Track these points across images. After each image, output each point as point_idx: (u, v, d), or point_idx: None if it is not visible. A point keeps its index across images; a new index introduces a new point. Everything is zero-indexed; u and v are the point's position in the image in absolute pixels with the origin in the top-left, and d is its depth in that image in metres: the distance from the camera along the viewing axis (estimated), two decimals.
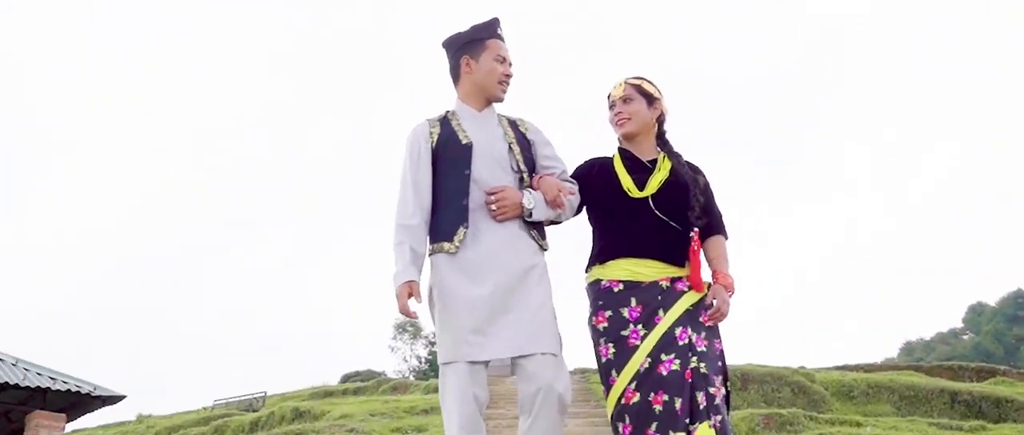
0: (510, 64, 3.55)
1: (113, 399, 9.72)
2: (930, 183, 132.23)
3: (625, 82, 3.63)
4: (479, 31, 3.53)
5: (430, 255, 3.38)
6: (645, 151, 3.60)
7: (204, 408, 30.82)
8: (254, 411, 24.38)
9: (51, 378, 9.00)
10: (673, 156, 3.59)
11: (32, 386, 8.83)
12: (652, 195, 3.45)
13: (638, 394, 3.24)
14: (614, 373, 3.32)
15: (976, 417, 15.86)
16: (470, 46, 3.53)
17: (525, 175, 3.46)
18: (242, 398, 29.35)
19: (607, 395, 3.36)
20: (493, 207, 3.34)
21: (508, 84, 3.55)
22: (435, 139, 3.45)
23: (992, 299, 78.07)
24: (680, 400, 3.20)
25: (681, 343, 3.27)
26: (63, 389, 8.96)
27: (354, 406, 15.50)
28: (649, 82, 3.64)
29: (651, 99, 3.61)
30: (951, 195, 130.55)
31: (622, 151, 3.63)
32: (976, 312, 78.07)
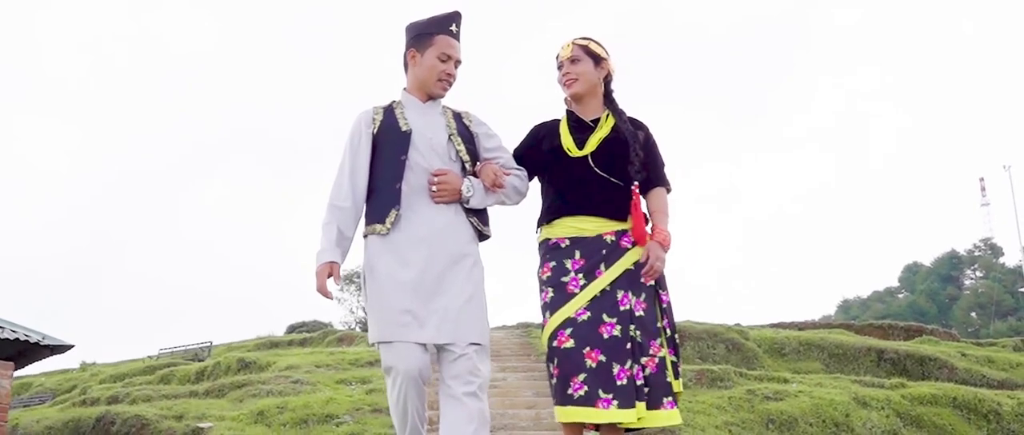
0: (457, 63, 3.55)
1: (61, 348, 9.87)
2: (874, 145, 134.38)
3: (573, 42, 3.66)
4: (430, 25, 3.53)
5: (364, 237, 3.45)
6: (590, 111, 3.66)
7: (149, 357, 30.79)
8: (200, 361, 24.43)
9: None
10: (616, 114, 3.64)
11: None
12: (591, 153, 3.52)
13: (572, 341, 3.34)
14: (548, 314, 3.44)
15: (900, 374, 16.48)
16: (419, 39, 3.54)
17: (467, 164, 3.51)
18: (188, 348, 29.34)
19: (542, 334, 3.48)
20: (433, 188, 3.39)
21: (449, 83, 3.57)
22: (377, 126, 3.50)
23: (927, 259, 79.98)
24: (618, 366, 3.30)
25: (622, 309, 3.38)
26: (11, 338, 9.08)
27: (300, 357, 15.69)
28: (597, 42, 3.68)
29: (598, 59, 3.66)
30: (892, 157, 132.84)
31: (568, 113, 3.70)
32: (911, 271, 79.83)
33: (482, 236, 3.54)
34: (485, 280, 3.50)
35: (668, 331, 3.53)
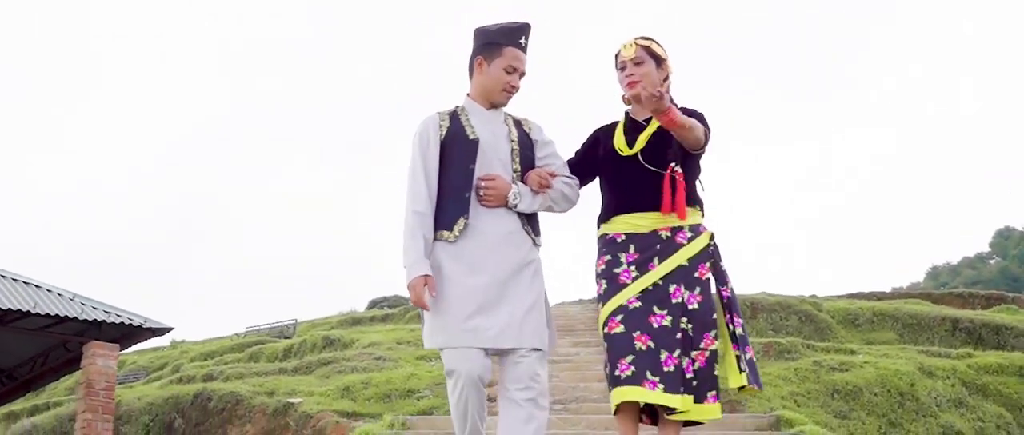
0: (521, 75, 3.59)
1: (161, 330, 10.60)
2: (961, 109, 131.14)
3: (635, 43, 3.64)
4: (499, 35, 3.56)
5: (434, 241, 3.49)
6: (644, 111, 3.63)
7: (236, 335, 31.91)
8: (286, 338, 25.35)
9: (106, 312, 9.85)
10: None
11: (89, 319, 9.69)
12: (640, 150, 3.54)
13: (622, 326, 3.39)
14: (601, 305, 3.51)
15: (975, 343, 16.51)
16: (487, 48, 3.57)
17: (519, 175, 3.56)
18: (273, 325, 30.33)
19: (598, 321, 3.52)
20: (481, 192, 3.46)
21: (512, 94, 3.61)
22: (444, 132, 3.54)
23: (1019, 223, 77.76)
24: (666, 352, 3.34)
25: (674, 301, 3.41)
26: (116, 322, 9.79)
27: (382, 334, 16.35)
28: (658, 43, 3.67)
29: (660, 60, 3.63)
30: (981, 120, 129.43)
31: (626, 114, 3.73)
32: (1003, 236, 77.57)
33: (535, 245, 3.59)
34: (545, 288, 3.55)
35: (731, 326, 3.53)
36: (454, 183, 3.48)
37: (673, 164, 3.52)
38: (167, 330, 10.87)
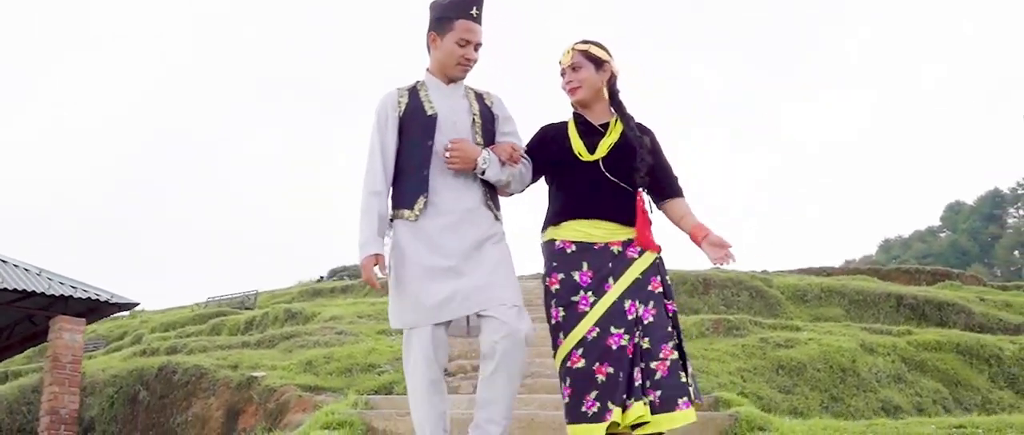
0: (476, 47, 3.56)
1: (127, 306, 10.82)
2: (914, 83, 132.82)
3: (572, 49, 3.64)
4: (450, 8, 3.51)
5: (390, 220, 3.49)
6: (598, 115, 3.63)
7: (197, 304, 32.01)
8: (247, 309, 25.53)
9: (72, 287, 10.05)
10: (624, 119, 3.62)
11: (56, 294, 9.90)
12: (602, 158, 3.49)
13: (583, 360, 3.31)
14: (561, 336, 3.39)
15: (919, 319, 17.10)
16: (439, 23, 3.53)
17: (482, 147, 3.51)
18: (234, 296, 30.47)
19: (555, 355, 3.43)
20: (447, 154, 3.42)
21: (468, 67, 3.58)
22: (403, 108, 3.51)
23: (970, 198, 79.08)
24: (623, 373, 3.28)
25: (629, 318, 3.34)
26: (83, 297, 10.01)
27: (342, 308, 16.61)
28: (598, 45, 3.65)
29: (599, 63, 3.61)
30: (934, 96, 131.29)
31: (576, 116, 3.67)
32: (954, 210, 78.81)
33: (496, 219, 3.57)
34: (511, 255, 3.54)
35: (675, 339, 3.44)
36: (412, 160, 3.46)
37: (641, 189, 3.52)
38: (133, 305, 11.09)
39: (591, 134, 3.58)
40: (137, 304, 11.05)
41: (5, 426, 12.86)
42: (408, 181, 3.46)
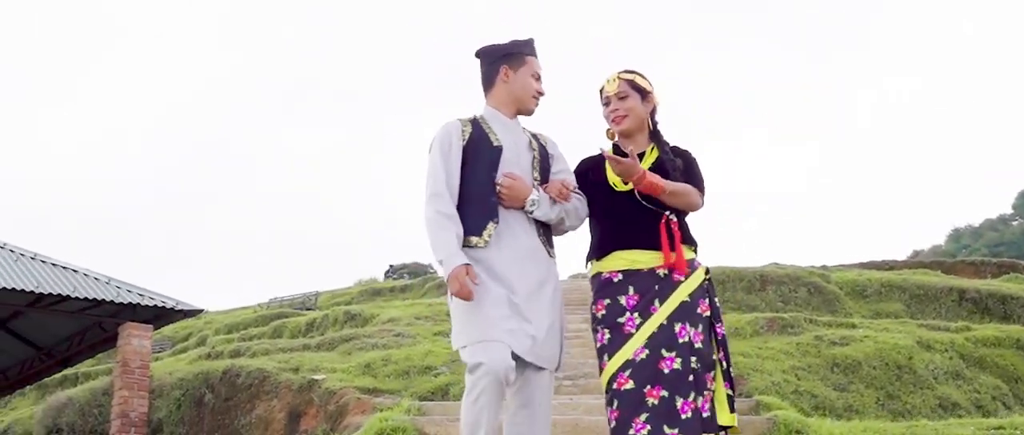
0: (542, 83, 3.68)
1: (193, 312, 11.18)
2: (983, 68, 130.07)
3: (619, 77, 3.61)
4: (520, 46, 3.64)
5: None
6: (637, 145, 3.58)
7: (259, 305, 32.64)
8: (308, 309, 26.02)
9: (140, 294, 10.41)
10: (660, 146, 3.60)
11: (124, 302, 10.27)
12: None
13: (631, 382, 3.25)
14: (606, 358, 3.34)
15: (982, 313, 16.89)
16: (511, 58, 3.62)
17: (538, 184, 3.55)
18: (296, 297, 31.03)
19: (601, 376, 3.38)
20: (499, 187, 3.44)
21: (539, 101, 3.68)
22: (466, 137, 3.53)
23: None
24: (681, 399, 3.22)
25: (681, 341, 3.28)
26: (150, 304, 10.37)
27: (400, 309, 16.89)
28: (642, 75, 3.63)
29: (645, 93, 3.60)
30: (1004, 81, 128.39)
31: (615, 147, 3.65)
32: None
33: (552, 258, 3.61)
34: (562, 306, 3.58)
35: (724, 364, 3.40)
36: (479, 189, 3.46)
37: (668, 213, 3.46)
38: (198, 312, 11.45)
39: None
40: (202, 310, 11.43)
41: (78, 427, 13.34)
42: (475, 208, 3.45)
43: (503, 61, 3.63)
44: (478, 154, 3.50)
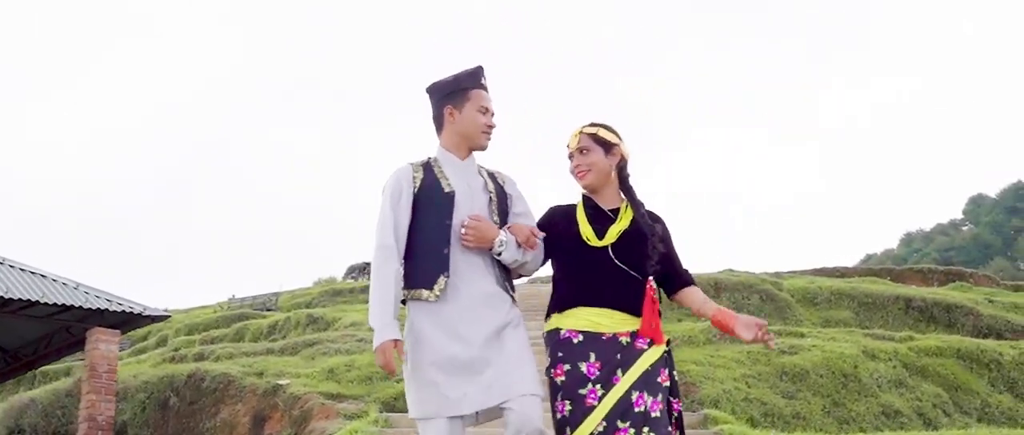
0: (493, 114, 3.54)
1: (160, 317, 11.40)
2: (933, 74, 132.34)
3: (581, 132, 3.55)
4: (462, 80, 3.50)
5: (403, 301, 3.35)
6: (608, 199, 3.54)
7: (219, 305, 32.67)
8: (269, 310, 26.14)
9: (107, 300, 10.59)
10: (634, 204, 3.53)
11: (92, 308, 10.46)
12: (612, 244, 3.39)
13: None
14: (568, 430, 3.24)
15: (928, 322, 17.46)
16: (453, 96, 3.49)
17: (498, 225, 3.43)
18: (257, 297, 31.11)
19: None
20: (463, 230, 3.32)
21: (490, 134, 3.54)
22: (417, 184, 3.41)
23: (992, 191, 78.49)
24: None
25: (637, 410, 3.22)
26: (118, 309, 10.57)
27: (362, 313, 17.10)
28: (606, 128, 3.56)
29: (609, 146, 3.52)
30: (955, 87, 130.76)
31: (585, 199, 3.57)
32: (976, 203, 78.18)
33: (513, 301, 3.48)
34: (528, 340, 3.43)
35: None
36: (431, 238, 3.34)
37: (651, 279, 3.41)
38: (165, 317, 11.66)
39: (600, 219, 3.48)
40: (169, 316, 11.62)
41: (41, 429, 13.44)
42: (426, 260, 3.33)
43: (446, 100, 3.52)
44: (429, 202, 3.39)
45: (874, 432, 10.52)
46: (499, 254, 3.35)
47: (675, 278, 3.56)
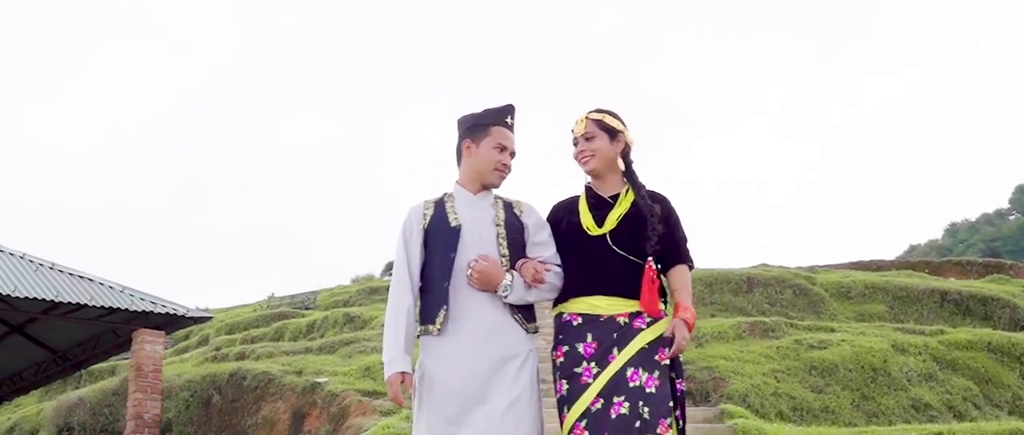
0: (512, 154, 3.54)
1: (202, 319, 11.75)
2: (975, 60, 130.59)
3: (586, 117, 3.56)
4: (485, 117, 3.53)
5: (418, 336, 3.42)
6: (610, 187, 3.56)
7: (259, 303, 33.13)
8: (307, 309, 26.52)
9: (152, 302, 10.95)
10: (636, 189, 3.54)
11: (138, 310, 10.83)
12: (610, 231, 3.42)
13: (587, 432, 3.23)
14: (566, 409, 3.29)
15: (963, 315, 17.41)
16: (474, 130, 3.53)
17: (508, 260, 3.43)
18: (296, 296, 31.51)
19: (561, 428, 3.34)
20: (469, 272, 3.35)
21: (505, 173, 3.54)
22: (428, 220, 3.48)
23: None
24: None
25: (632, 385, 3.24)
26: (162, 312, 10.94)
27: None
28: (612, 115, 3.57)
29: (614, 133, 3.54)
30: (1004, 74, 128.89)
31: (587, 189, 3.60)
32: (1023, 192, 77.28)
33: (527, 332, 3.47)
34: (537, 375, 3.42)
35: (680, 422, 3.40)
36: (435, 272, 3.41)
37: (651, 259, 3.41)
38: (207, 319, 12.01)
39: (601, 207, 3.52)
40: (211, 317, 11.98)
41: (89, 427, 13.90)
42: (431, 295, 3.40)
43: (467, 134, 3.55)
44: (437, 236, 3.45)
45: (903, 425, 10.63)
46: (504, 297, 3.36)
47: (667, 256, 3.52)
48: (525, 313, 3.45)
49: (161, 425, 12.15)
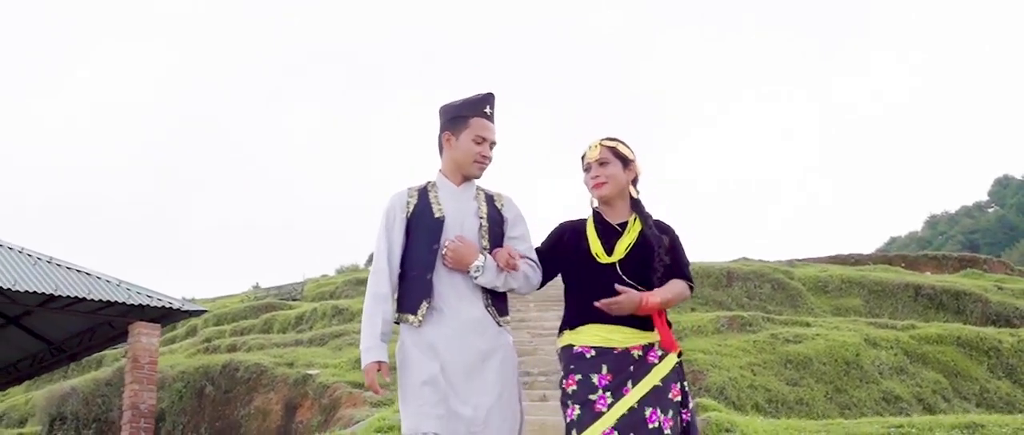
0: (492, 145, 3.52)
1: (197, 312, 12.09)
2: (959, 54, 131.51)
3: (600, 144, 3.57)
4: (464, 108, 3.51)
5: (397, 322, 3.42)
6: (618, 214, 3.57)
7: (245, 294, 33.31)
8: (294, 300, 26.75)
9: (148, 296, 11.25)
10: (643, 218, 3.55)
11: (133, 303, 11.14)
12: (620, 260, 3.42)
13: None
14: (574, 433, 3.26)
15: (937, 309, 17.83)
16: (453, 122, 3.51)
17: (489, 250, 3.43)
18: (283, 287, 31.72)
19: None
20: (444, 251, 3.37)
21: (485, 165, 3.54)
22: (410, 209, 3.46)
23: (1018, 172, 77.46)
24: None
25: (651, 426, 3.24)
26: (158, 305, 11.24)
27: None
28: (624, 143, 3.59)
29: (626, 161, 3.55)
30: (981, 68, 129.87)
31: (595, 214, 3.59)
32: (1002, 185, 77.25)
33: (500, 326, 3.48)
34: (517, 369, 3.47)
35: None
36: (418, 263, 3.41)
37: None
38: (202, 312, 12.34)
39: (609, 234, 3.51)
40: (206, 311, 12.30)
41: (82, 416, 14.20)
42: (413, 285, 3.39)
43: (447, 126, 3.54)
44: (420, 227, 3.44)
45: (874, 417, 11.04)
46: (475, 278, 3.37)
47: (674, 275, 3.51)
48: (499, 306, 3.47)
49: (155, 415, 12.48)
